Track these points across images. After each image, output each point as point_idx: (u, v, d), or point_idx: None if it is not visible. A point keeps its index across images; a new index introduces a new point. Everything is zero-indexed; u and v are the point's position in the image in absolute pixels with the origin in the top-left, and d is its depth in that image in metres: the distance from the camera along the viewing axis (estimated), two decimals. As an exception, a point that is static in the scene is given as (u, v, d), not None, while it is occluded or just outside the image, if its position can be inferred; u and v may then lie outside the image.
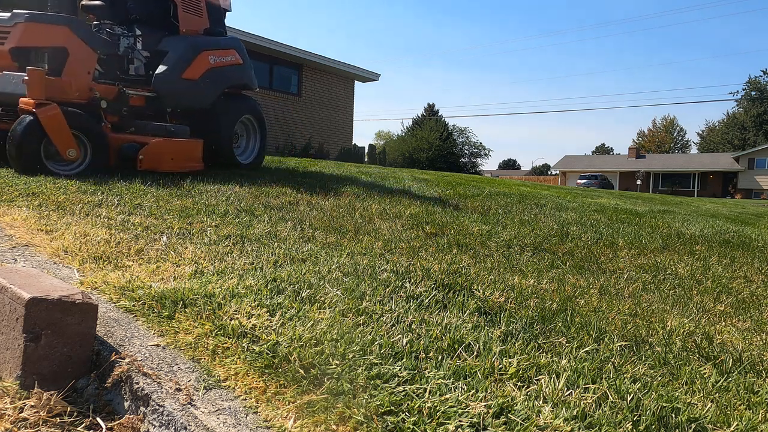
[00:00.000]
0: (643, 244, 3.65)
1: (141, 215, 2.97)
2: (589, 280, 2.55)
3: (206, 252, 2.29)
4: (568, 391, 1.31)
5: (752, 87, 50.88)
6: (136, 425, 1.23)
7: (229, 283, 1.84)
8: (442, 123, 38.57)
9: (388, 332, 1.56)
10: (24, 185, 3.48)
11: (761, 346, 1.83)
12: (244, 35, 14.26)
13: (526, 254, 3.01)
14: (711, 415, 1.28)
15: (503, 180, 11.86)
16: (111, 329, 1.51)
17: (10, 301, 1.39)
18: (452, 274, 2.26)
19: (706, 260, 3.30)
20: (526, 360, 1.47)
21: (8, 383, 1.34)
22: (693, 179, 43.45)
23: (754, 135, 50.43)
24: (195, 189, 4.07)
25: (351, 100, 18.07)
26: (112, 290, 1.76)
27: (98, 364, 1.40)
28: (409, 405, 1.18)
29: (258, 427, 1.12)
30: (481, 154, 40.97)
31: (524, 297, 2.07)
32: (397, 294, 1.92)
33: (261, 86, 15.38)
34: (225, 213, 3.25)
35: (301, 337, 1.45)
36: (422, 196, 5.17)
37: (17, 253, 2.12)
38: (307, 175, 5.77)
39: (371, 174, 6.78)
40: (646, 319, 2.02)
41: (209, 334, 1.47)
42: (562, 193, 7.76)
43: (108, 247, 2.24)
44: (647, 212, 5.92)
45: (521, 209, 4.86)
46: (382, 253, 2.59)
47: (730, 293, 2.55)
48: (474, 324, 1.70)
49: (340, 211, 3.76)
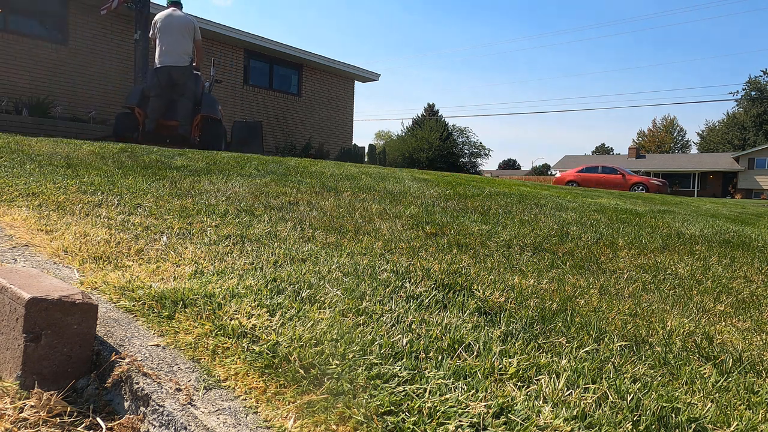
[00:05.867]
0: (643, 244, 3.65)
1: (141, 215, 2.97)
2: (589, 280, 2.55)
3: (206, 252, 2.29)
4: (568, 391, 1.31)
5: (752, 87, 50.88)
6: (136, 425, 1.23)
7: (229, 283, 1.84)
8: (442, 123, 38.55)
9: (388, 332, 1.56)
10: (24, 185, 3.48)
11: (761, 346, 1.83)
12: (243, 35, 14.27)
13: (526, 254, 3.01)
14: (711, 415, 1.27)
15: (503, 180, 11.86)
16: (111, 329, 1.51)
17: (10, 301, 1.38)
18: (452, 274, 2.26)
19: (706, 260, 3.30)
20: (526, 360, 1.47)
21: (8, 383, 1.34)
22: (693, 179, 43.46)
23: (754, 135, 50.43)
24: (195, 189, 4.06)
25: (351, 100, 18.08)
26: (112, 290, 1.76)
27: (98, 364, 1.40)
28: (409, 405, 1.18)
29: (258, 427, 1.12)
30: (481, 154, 40.95)
31: (524, 297, 2.07)
32: (397, 294, 1.92)
33: (261, 86, 15.44)
34: (225, 213, 3.25)
35: (301, 337, 1.45)
36: (422, 196, 5.16)
37: (17, 253, 2.12)
38: (307, 175, 5.76)
39: (371, 174, 6.78)
40: (646, 319, 2.02)
41: (209, 334, 1.47)
42: (562, 193, 7.75)
43: (108, 247, 2.24)
44: (647, 212, 5.91)
45: (521, 209, 4.86)
46: (382, 253, 2.59)
47: (730, 293, 2.54)
48: (474, 324, 1.70)
49: (340, 211, 3.76)
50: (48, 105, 10.63)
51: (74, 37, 11.56)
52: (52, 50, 11.25)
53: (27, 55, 10.88)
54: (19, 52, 10.78)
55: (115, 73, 12.17)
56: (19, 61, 10.78)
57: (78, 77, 11.63)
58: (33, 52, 10.97)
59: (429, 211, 4.15)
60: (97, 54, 11.90)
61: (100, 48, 11.94)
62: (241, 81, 14.80)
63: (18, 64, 10.78)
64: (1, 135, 6.07)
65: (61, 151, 5.17)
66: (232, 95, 14.54)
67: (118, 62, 12.19)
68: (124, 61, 12.18)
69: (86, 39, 11.73)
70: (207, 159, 5.99)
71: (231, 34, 13.93)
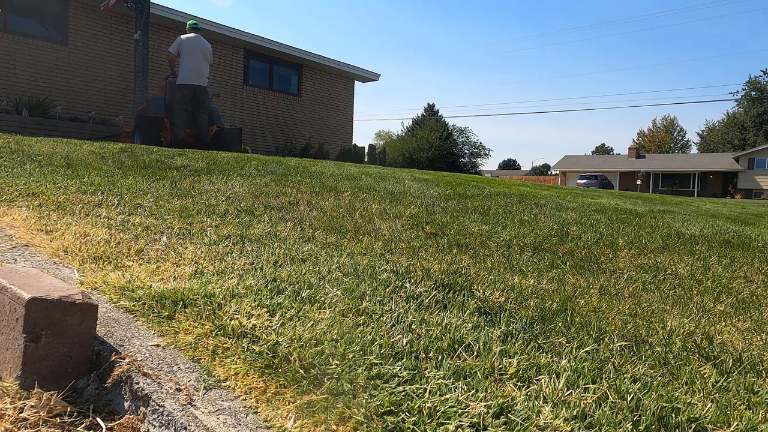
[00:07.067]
0: (643, 244, 3.65)
1: (141, 215, 2.97)
2: (589, 280, 2.55)
3: (206, 252, 2.29)
4: (568, 391, 1.31)
5: (752, 87, 50.89)
6: (136, 425, 1.23)
7: (229, 283, 1.84)
8: (442, 123, 38.52)
9: (388, 332, 1.56)
10: (24, 185, 3.48)
11: (761, 346, 1.83)
12: (243, 35, 14.27)
13: (526, 254, 3.01)
14: (711, 415, 1.27)
15: (503, 180, 11.85)
16: (111, 329, 1.51)
17: (10, 301, 1.38)
18: (452, 274, 2.26)
19: (706, 260, 3.30)
20: (526, 360, 1.46)
21: (8, 383, 1.34)
22: (693, 179, 43.47)
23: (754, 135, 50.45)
24: (195, 189, 4.06)
25: (351, 100, 18.08)
26: (112, 290, 1.76)
27: (98, 364, 1.40)
28: (409, 405, 1.18)
29: (258, 427, 1.12)
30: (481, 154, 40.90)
31: (524, 297, 2.07)
32: (397, 294, 1.92)
33: (261, 86, 15.43)
34: (225, 213, 3.25)
35: (301, 337, 1.45)
36: (422, 196, 5.16)
37: (17, 253, 2.12)
38: (307, 175, 5.76)
39: (371, 174, 6.78)
40: (646, 319, 2.02)
41: (209, 334, 1.47)
42: (562, 193, 7.75)
43: (108, 247, 2.24)
44: (647, 212, 5.91)
45: (521, 209, 4.86)
46: (382, 253, 2.59)
47: (730, 293, 2.54)
48: (474, 324, 1.70)
49: (340, 211, 3.75)
50: (48, 105, 10.63)
51: (74, 37, 11.55)
52: (52, 50, 11.25)
53: (27, 55, 10.88)
54: (19, 52, 10.78)
55: (115, 74, 12.17)
56: (19, 61, 10.78)
57: (78, 77, 11.63)
58: (33, 52, 10.96)
59: (429, 211, 4.15)
60: (97, 54, 11.90)
61: (100, 48, 11.94)
62: (241, 81, 14.80)
63: (18, 64, 10.78)
64: (1, 135, 6.07)
65: (61, 151, 5.17)
66: (232, 95, 14.54)
67: (118, 62, 12.19)
68: (124, 61, 12.18)
69: (86, 39, 11.73)
70: (207, 159, 5.99)
71: (231, 34, 13.93)
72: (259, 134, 15.23)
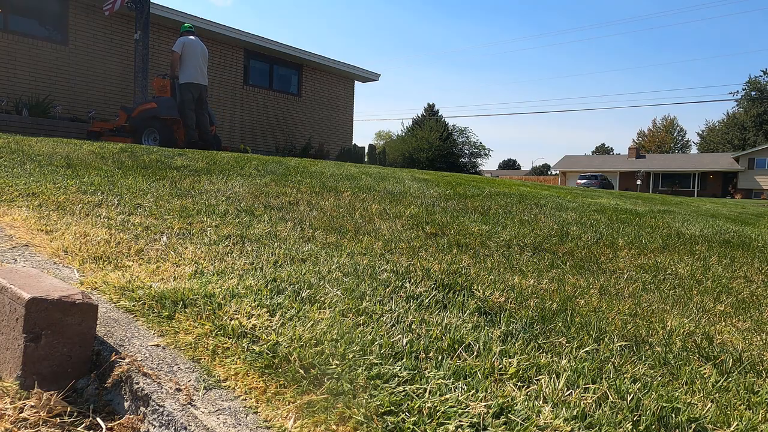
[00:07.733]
0: (643, 244, 3.65)
1: (141, 215, 2.97)
2: (589, 280, 2.55)
3: (206, 252, 2.29)
4: (568, 391, 1.31)
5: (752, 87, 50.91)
6: (136, 425, 1.23)
7: (229, 283, 1.84)
8: (442, 123, 38.51)
9: (388, 332, 1.56)
10: (24, 185, 3.48)
11: (761, 346, 1.83)
12: (243, 35, 14.27)
13: (526, 254, 3.01)
14: (711, 415, 1.27)
15: (503, 180, 11.85)
16: (111, 329, 1.51)
17: (10, 301, 1.38)
18: (452, 274, 2.26)
19: (706, 260, 3.30)
20: (526, 360, 1.46)
21: (8, 383, 1.34)
22: (693, 179, 43.46)
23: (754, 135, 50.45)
24: (195, 189, 4.06)
25: (351, 100, 18.07)
26: (112, 290, 1.76)
27: (98, 364, 1.40)
28: (409, 405, 1.18)
29: (258, 427, 1.12)
30: (481, 154, 40.88)
31: (524, 297, 2.07)
32: (397, 294, 1.92)
33: (261, 86, 15.43)
34: (225, 213, 3.25)
35: (301, 337, 1.45)
36: (422, 196, 5.16)
37: (17, 253, 2.12)
38: (307, 175, 5.76)
39: (371, 174, 6.78)
40: (646, 319, 2.02)
41: (209, 334, 1.47)
42: (562, 193, 7.75)
43: (108, 247, 2.24)
44: (647, 212, 5.91)
45: (521, 209, 4.86)
46: (382, 253, 2.59)
47: (730, 293, 2.54)
48: (474, 324, 1.70)
49: (340, 211, 3.75)
50: (48, 105, 10.63)
51: (74, 37, 11.55)
52: (52, 50, 11.24)
53: (27, 55, 10.88)
54: (19, 52, 10.77)
55: (115, 74, 12.17)
56: (19, 61, 10.78)
57: (78, 77, 11.63)
58: (33, 52, 10.96)
59: (429, 211, 4.15)
60: (97, 54, 11.90)
61: (100, 48, 11.93)
62: (241, 81, 14.80)
63: (18, 64, 10.77)
64: (1, 135, 6.07)
65: (61, 151, 5.17)
66: (232, 96, 14.54)
67: (118, 62, 12.18)
68: (124, 61, 12.18)
69: (86, 39, 11.72)
70: (207, 159, 5.99)
71: (231, 34, 13.92)
72: (259, 134, 15.23)
